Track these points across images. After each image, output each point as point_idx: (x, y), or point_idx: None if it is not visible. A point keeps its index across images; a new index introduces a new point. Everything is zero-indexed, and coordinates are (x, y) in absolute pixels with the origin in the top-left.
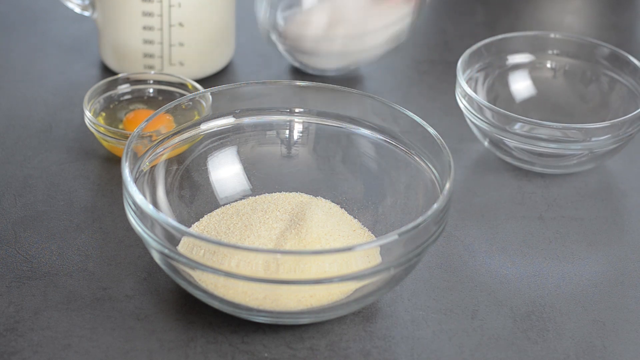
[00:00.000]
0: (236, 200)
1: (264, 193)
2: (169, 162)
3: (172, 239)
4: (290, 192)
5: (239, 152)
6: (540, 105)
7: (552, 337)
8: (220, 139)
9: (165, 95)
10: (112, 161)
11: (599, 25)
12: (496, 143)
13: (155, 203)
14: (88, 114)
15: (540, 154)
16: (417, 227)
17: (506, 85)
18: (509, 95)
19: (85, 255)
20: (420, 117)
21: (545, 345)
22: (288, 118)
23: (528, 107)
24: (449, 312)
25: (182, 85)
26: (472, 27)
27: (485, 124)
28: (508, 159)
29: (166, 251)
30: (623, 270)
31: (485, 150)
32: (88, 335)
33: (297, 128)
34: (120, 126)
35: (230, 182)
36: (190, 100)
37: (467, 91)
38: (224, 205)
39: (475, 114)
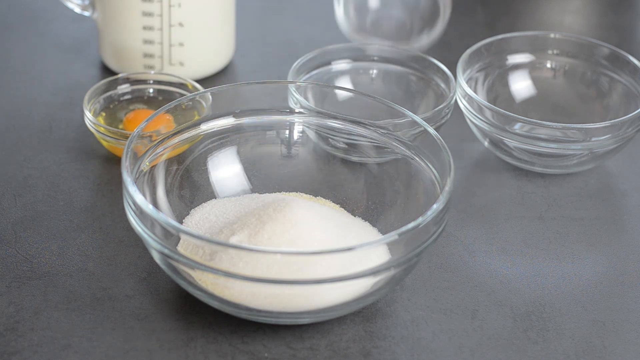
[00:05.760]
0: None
1: (264, 193)
2: (169, 162)
3: (172, 239)
4: (290, 192)
5: (239, 152)
6: (540, 105)
7: (552, 337)
8: (220, 139)
9: (165, 95)
10: (112, 161)
11: (599, 25)
12: (496, 143)
13: (155, 203)
14: (88, 114)
15: (540, 154)
16: (417, 227)
17: (506, 85)
18: (509, 95)
19: (85, 255)
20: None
21: (545, 345)
22: (288, 118)
23: (528, 107)
24: (449, 312)
25: (182, 85)
26: (472, 27)
27: (485, 124)
28: (508, 159)
29: (166, 251)
30: (623, 270)
31: (485, 150)
32: (88, 335)
33: (297, 128)
34: (120, 126)
35: (230, 182)
36: (190, 100)
37: (467, 91)
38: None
39: (475, 114)
